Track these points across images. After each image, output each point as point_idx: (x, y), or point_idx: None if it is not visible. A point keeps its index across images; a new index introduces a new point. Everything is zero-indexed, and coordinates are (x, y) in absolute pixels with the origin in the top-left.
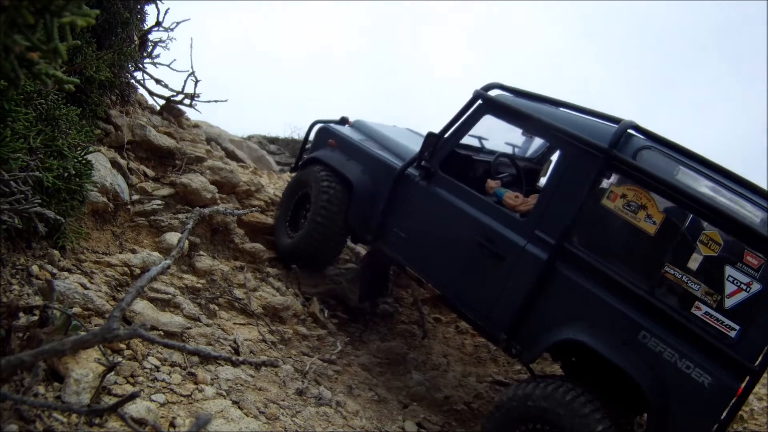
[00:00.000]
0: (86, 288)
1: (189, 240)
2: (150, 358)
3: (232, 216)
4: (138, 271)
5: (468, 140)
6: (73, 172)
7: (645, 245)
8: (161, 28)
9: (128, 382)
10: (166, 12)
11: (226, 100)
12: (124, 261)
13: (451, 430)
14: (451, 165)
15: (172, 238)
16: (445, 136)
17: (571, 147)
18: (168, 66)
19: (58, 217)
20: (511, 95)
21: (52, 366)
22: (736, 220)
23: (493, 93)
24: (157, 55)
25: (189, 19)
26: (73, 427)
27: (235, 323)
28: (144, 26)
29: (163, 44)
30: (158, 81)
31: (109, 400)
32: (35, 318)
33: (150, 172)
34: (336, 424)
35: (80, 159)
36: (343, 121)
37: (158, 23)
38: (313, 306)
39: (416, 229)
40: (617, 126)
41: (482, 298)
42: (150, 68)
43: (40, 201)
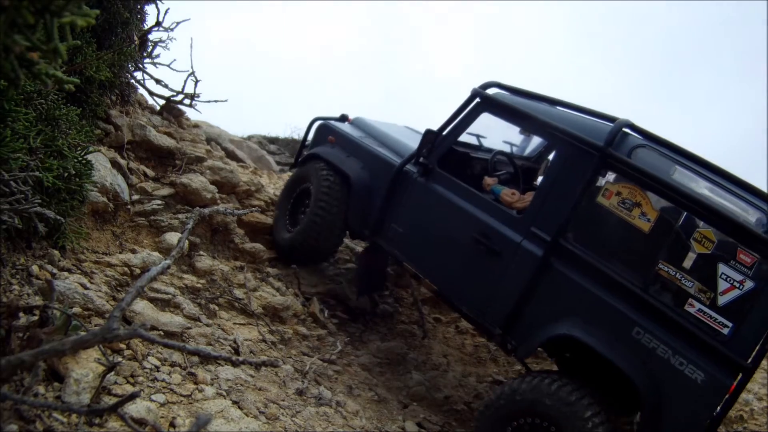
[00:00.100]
0: (86, 288)
1: (189, 240)
2: (150, 358)
3: (232, 216)
4: (138, 271)
5: (467, 138)
6: (73, 172)
7: (639, 242)
8: (161, 28)
9: (128, 382)
10: (166, 12)
11: (226, 100)
12: (124, 261)
13: (451, 430)
14: (449, 162)
15: (172, 238)
16: (444, 133)
17: (566, 145)
18: (168, 66)
19: (58, 217)
20: (509, 94)
21: (52, 366)
22: (729, 218)
23: (491, 91)
24: (157, 55)
25: (189, 19)
26: (73, 427)
27: (235, 323)
28: (144, 26)
29: (163, 44)
30: (158, 81)
31: (109, 400)
32: (35, 318)
33: (150, 172)
34: (336, 424)
35: (80, 159)
36: (343, 118)
37: (158, 23)
38: (313, 306)
39: (414, 224)
40: (613, 125)
41: (478, 294)
42: (150, 68)
43: (40, 201)
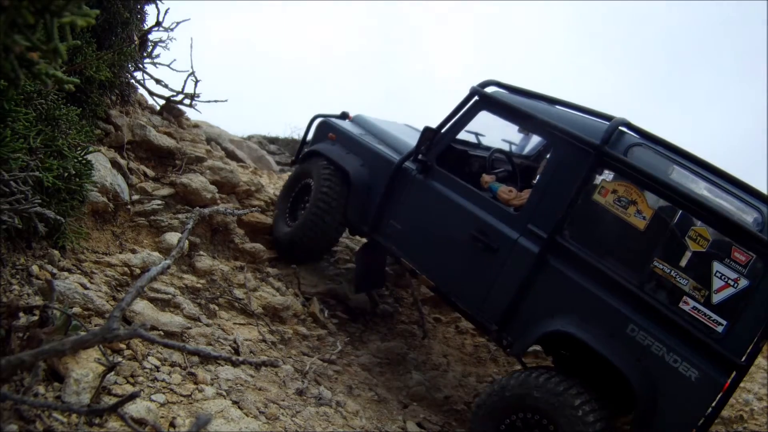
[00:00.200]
0: (86, 288)
1: (189, 240)
2: (150, 358)
3: (232, 216)
4: (138, 271)
5: (466, 136)
6: (73, 172)
7: (635, 240)
8: (161, 28)
9: (128, 382)
10: (166, 12)
11: (226, 100)
12: (124, 261)
13: (451, 430)
14: (447, 159)
15: (172, 238)
16: (442, 131)
17: (563, 143)
18: (168, 66)
19: (58, 217)
20: (507, 92)
21: (52, 366)
22: (724, 217)
23: (490, 90)
24: (157, 55)
25: (189, 19)
26: (73, 427)
27: (235, 323)
28: (144, 26)
29: (163, 44)
30: (158, 81)
31: (109, 400)
32: (35, 318)
33: (150, 172)
34: (336, 424)
35: (80, 159)
36: (343, 115)
37: (158, 23)
38: (313, 306)
39: (412, 221)
40: (609, 123)
41: (475, 290)
42: (150, 68)
43: (40, 201)
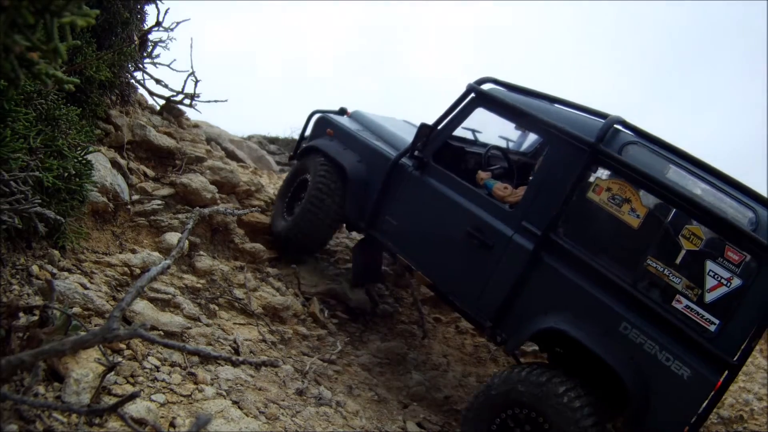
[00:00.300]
0: (86, 288)
1: (189, 240)
2: (150, 358)
3: (232, 216)
4: (138, 271)
5: (463, 133)
6: (73, 172)
7: (628, 238)
8: (161, 28)
9: (128, 382)
10: (166, 12)
11: (226, 100)
12: (124, 261)
13: (451, 430)
14: (443, 156)
15: (172, 238)
16: (438, 127)
17: (558, 140)
18: (168, 66)
19: (58, 217)
20: (504, 89)
21: (52, 366)
22: (718, 216)
23: (486, 87)
24: (157, 55)
25: (189, 19)
26: (73, 427)
27: (235, 323)
28: (144, 26)
29: (163, 44)
30: (158, 81)
31: (109, 400)
32: (35, 318)
33: (150, 172)
34: (336, 424)
35: (80, 159)
36: (341, 111)
37: (158, 23)
38: (313, 306)
39: (408, 217)
40: (604, 121)
41: (470, 286)
42: (150, 68)
43: (40, 201)
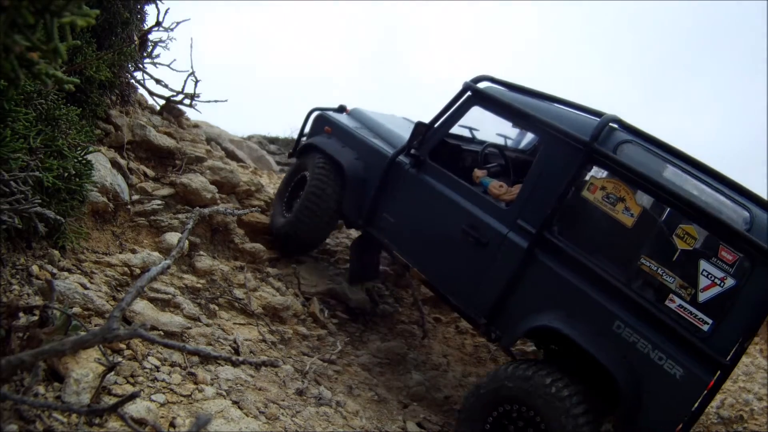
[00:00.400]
0: (86, 288)
1: (189, 240)
2: (150, 358)
3: (232, 216)
4: (138, 271)
5: (460, 131)
6: (73, 172)
7: (622, 237)
8: (161, 28)
9: (128, 382)
10: (166, 12)
11: (226, 100)
12: (124, 261)
13: (451, 430)
14: (440, 154)
15: (172, 238)
16: (435, 125)
17: (553, 139)
18: (168, 66)
19: (58, 217)
20: (500, 88)
21: (52, 366)
22: (712, 215)
23: (483, 85)
24: (157, 55)
25: (189, 19)
26: (73, 427)
27: (235, 323)
28: (144, 26)
29: (163, 44)
30: (158, 81)
31: (109, 400)
32: (35, 318)
33: (150, 172)
34: (336, 424)
35: (80, 159)
36: (341, 109)
37: (158, 23)
38: (313, 306)
39: (405, 215)
40: (599, 120)
41: (465, 284)
42: (150, 68)
43: (40, 201)
